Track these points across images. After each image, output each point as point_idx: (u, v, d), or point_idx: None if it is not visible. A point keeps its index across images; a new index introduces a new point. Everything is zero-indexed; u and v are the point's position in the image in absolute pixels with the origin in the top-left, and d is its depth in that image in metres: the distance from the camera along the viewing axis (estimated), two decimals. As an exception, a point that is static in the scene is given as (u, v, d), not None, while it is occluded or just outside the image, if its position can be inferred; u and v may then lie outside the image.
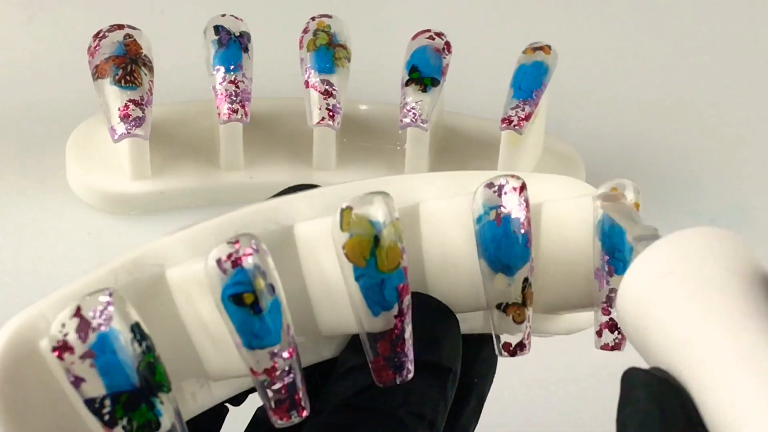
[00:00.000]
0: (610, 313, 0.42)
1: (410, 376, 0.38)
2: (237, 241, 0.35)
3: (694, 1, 0.85)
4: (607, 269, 0.41)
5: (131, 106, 0.63)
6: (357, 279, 0.37)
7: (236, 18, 0.67)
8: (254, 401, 0.40)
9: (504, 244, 0.39)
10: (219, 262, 0.35)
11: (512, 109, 0.66)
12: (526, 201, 0.40)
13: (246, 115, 0.65)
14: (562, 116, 0.76)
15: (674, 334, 0.32)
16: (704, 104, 0.79)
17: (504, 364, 0.45)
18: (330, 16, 0.68)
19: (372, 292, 0.37)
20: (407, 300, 0.38)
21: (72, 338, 0.33)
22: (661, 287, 0.33)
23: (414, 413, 0.39)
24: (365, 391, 0.39)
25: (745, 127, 0.78)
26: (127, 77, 0.64)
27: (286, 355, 0.36)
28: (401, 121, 0.66)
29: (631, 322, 0.34)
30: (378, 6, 0.83)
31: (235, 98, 0.64)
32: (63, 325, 0.33)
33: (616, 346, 0.42)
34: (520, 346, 0.41)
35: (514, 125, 0.65)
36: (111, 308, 0.33)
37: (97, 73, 0.64)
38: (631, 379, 0.33)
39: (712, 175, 0.74)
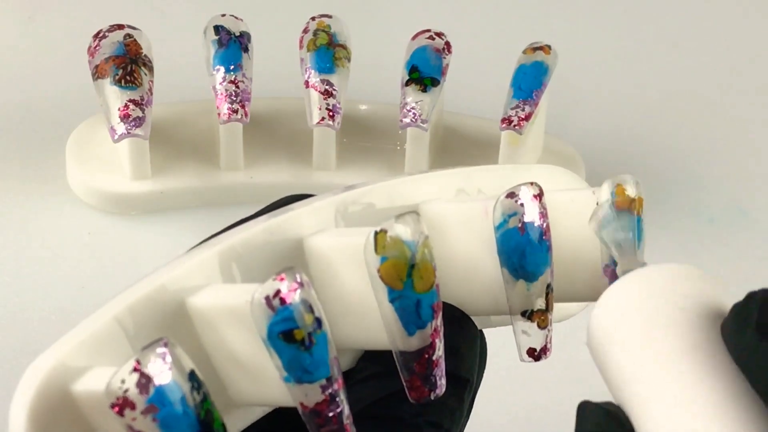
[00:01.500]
0: None
1: (443, 390, 0.38)
2: (282, 277, 0.35)
3: (694, 1, 0.85)
4: (615, 265, 0.41)
5: (131, 106, 0.63)
6: (392, 301, 0.37)
7: (236, 18, 0.67)
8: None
9: (528, 252, 0.40)
10: (267, 299, 0.34)
11: (512, 109, 0.66)
12: (545, 208, 0.40)
13: (246, 115, 0.65)
14: (562, 116, 0.76)
15: (625, 371, 0.34)
16: (704, 104, 0.79)
17: (503, 364, 0.45)
18: (330, 16, 0.68)
19: (407, 313, 0.37)
20: (440, 317, 0.38)
21: (133, 394, 0.32)
22: (619, 325, 0.34)
23: (432, 423, 0.39)
24: (383, 400, 0.39)
25: (745, 127, 0.78)
26: (127, 77, 0.64)
27: (336, 386, 0.35)
28: (401, 121, 0.66)
29: (596, 355, 0.35)
30: (378, 6, 0.83)
31: (235, 98, 0.64)
32: (123, 381, 0.32)
33: None
34: (544, 351, 0.41)
35: (514, 125, 0.65)
36: (169, 359, 0.33)
37: (97, 73, 0.64)
38: (583, 412, 0.34)
39: (712, 175, 0.74)
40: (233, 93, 0.64)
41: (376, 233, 0.37)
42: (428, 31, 0.68)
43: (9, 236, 0.66)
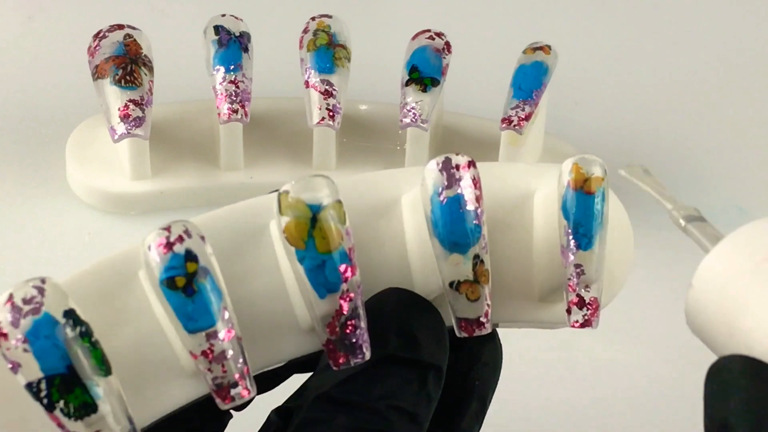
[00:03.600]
0: (576, 289, 0.41)
1: (365, 358, 0.38)
2: (168, 228, 0.36)
3: (694, 1, 0.85)
4: (572, 245, 0.41)
5: (131, 106, 0.63)
6: (300, 261, 0.37)
7: (236, 18, 0.67)
8: (262, 407, 0.41)
9: (452, 221, 0.39)
10: (150, 248, 0.36)
11: (512, 109, 0.66)
12: (475, 177, 0.39)
13: (246, 115, 0.65)
14: (562, 116, 0.76)
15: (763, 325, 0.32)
16: (704, 104, 0.79)
17: (507, 366, 0.45)
18: (330, 16, 0.68)
19: (315, 274, 0.37)
20: (354, 281, 0.38)
21: (5, 325, 0.34)
22: (757, 273, 0.33)
23: (393, 406, 0.39)
24: (344, 382, 0.39)
25: (745, 127, 0.78)
26: (127, 77, 0.64)
27: (222, 336, 0.36)
28: (401, 121, 0.66)
29: (714, 305, 0.33)
30: (378, 6, 0.83)
31: (235, 98, 0.64)
32: None
33: (587, 323, 0.41)
34: (477, 324, 0.40)
35: (514, 125, 0.65)
36: (42, 295, 0.34)
37: (97, 73, 0.64)
38: (729, 369, 0.32)
39: (712, 175, 0.74)
40: (233, 93, 0.64)
41: (279, 194, 0.37)
42: (428, 31, 0.68)
43: (9, 236, 0.66)
